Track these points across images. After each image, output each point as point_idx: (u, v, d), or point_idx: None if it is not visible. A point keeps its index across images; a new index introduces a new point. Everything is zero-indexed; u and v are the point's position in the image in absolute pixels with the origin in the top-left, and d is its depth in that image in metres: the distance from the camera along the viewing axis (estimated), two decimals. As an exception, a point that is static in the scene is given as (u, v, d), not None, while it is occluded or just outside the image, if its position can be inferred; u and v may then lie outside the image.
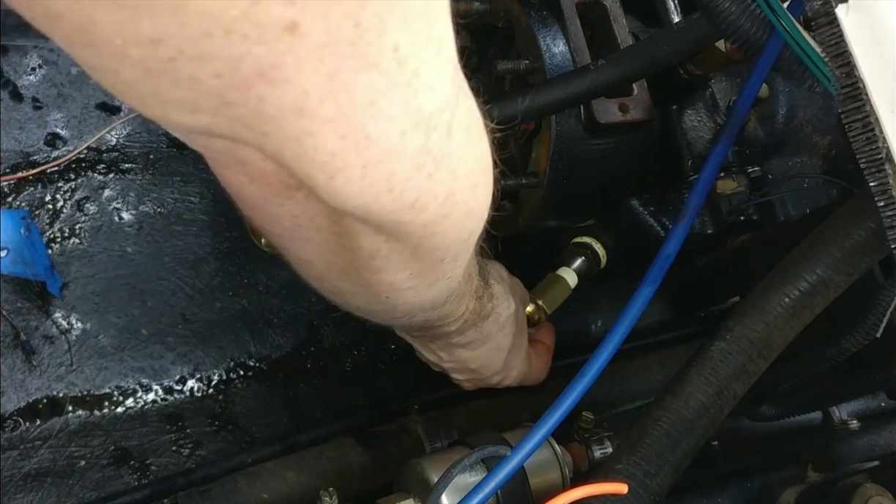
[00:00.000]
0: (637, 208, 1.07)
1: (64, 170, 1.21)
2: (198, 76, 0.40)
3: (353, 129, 0.45)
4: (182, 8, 0.36)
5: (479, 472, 0.82)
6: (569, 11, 0.97)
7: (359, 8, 0.40)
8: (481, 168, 0.59)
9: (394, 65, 0.43)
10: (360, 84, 0.43)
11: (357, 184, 0.48)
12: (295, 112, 0.43)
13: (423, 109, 0.47)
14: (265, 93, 0.41)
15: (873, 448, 1.10)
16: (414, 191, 0.52)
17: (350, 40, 0.41)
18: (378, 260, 0.62)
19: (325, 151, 0.45)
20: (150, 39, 0.38)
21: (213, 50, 0.38)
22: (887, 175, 0.64)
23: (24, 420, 1.11)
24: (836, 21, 0.63)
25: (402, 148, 0.48)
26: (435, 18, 0.45)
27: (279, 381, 1.21)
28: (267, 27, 0.38)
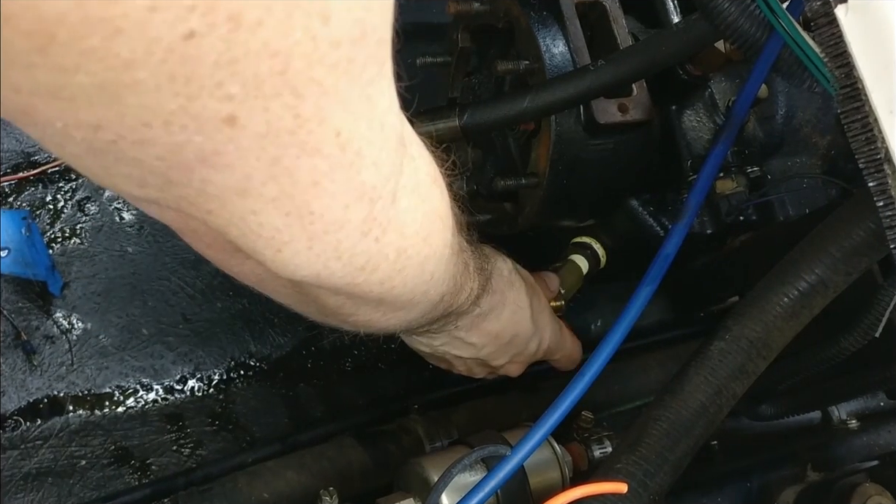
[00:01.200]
0: (636, 208, 1.07)
1: (65, 170, 1.21)
2: (140, 157, 0.41)
3: (297, 206, 0.46)
4: (119, 100, 0.37)
5: (478, 471, 0.82)
6: (568, 12, 0.97)
7: (298, 100, 0.41)
8: (432, 220, 0.61)
9: (336, 149, 0.45)
10: (302, 168, 0.44)
11: (304, 254, 0.50)
12: (238, 193, 0.44)
13: (367, 184, 0.49)
14: (208, 175, 0.42)
15: (872, 447, 1.10)
16: (363, 255, 0.53)
17: (290, 130, 0.42)
18: (346, 308, 0.64)
19: (271, 227, 0.47)
20: (90, 125, 0.38)
21: (153, 137, 0.39)
22: (886, 175, 0.63)
23: (24, 420, 1.11)
24: (836, 21, 0.63)
25: (347, 219, 0.50)
26: (377, 100, 0.46)
27: (280, 381, 1.21)
28: (205, 120, 0.39)
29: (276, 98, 0.40)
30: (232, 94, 0.38)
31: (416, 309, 0.72)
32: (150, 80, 0.36)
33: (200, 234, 0.54)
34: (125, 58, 0.35)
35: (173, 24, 0.35)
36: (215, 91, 0.38)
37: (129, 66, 0.35)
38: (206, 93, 0.38)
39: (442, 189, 0.63)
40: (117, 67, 0.35)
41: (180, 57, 0.36)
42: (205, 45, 0.36)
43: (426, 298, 0.71)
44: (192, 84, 0.37)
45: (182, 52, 0.36)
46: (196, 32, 0.35)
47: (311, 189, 0.46)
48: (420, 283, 0.65)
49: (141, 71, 0.36)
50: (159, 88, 0.37)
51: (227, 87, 0.38)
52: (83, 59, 0.35)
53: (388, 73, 0.47)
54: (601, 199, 1.05)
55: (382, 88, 0.47)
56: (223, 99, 0.38)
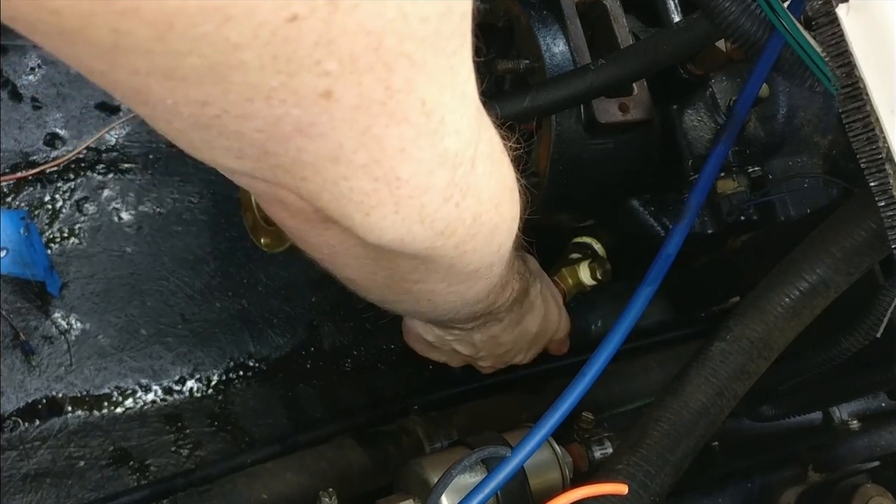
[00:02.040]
0: (637, 208, 1.07)
1: (63, 170, 1.21)
2: (241, 130, 0.44)
3: (385, 172, 0.49)
4: (226, 79, 0.40)
5: (478, 472, 0.82)
6: (569, 11, 0.97)
7: (389, 73, 0.43)
8: (503, 188, 0.63)
9: (422, 117, 0.47)
10: (390, 136, 0.47)
11: (391, 219, 0.52)
12: (331, 160, 0.47)
13: (449, 150, 0.51)
14: (303, 144, 0.45)
15: (874, 448, 1.10)
16: (444, 220, 0.56)
17: (381, 101, 0.44)
18: (416, 274, 0.67)
19: (360, 192, 0.50)
20: (197, 101, 0.41)
21: (255, 111, 0.42)
22: (888, 175, 0.63)
23: (23, 420, 1.11)
24: (837, 20, 0.63)
25: (431, 184, 0.52)
26: (459, 69, 0.48)
27: (279, 382, 1.20)
28: (303, 95, 0.41)
29: (370, 72, 0.42)
30: (329, 71, 0.41)
31: (475, 288, 0.75)
32: (254, 60, 0.39)
33: (288, 202, 0.56)
34: (234, 41, 0.38)
35: (278, 8, 0.37)
36: (314, 68, 0.40)
37: (237, 48, 0.38)
38: (305, 70, 0.40)
39: (509, 161, 0.65)
40: (226, 50, 0.38)
41: (283, 38, 0.38)
42: (306, 27, 0.38)
43: (489, 274, 0.73)
44: (293, 63, 0.40)
45: (285, 35, 0.38)
46: (298, 16, 0.38)
47: (399, 155, 0.48)
48: (487, 254, 0.67)
49: (247, 52, 0.38)
50: (263, 68, 0.39)
51: (324, 64, 0.40)
52: (196, 44, 0.37)
53: (468, 45, 0.49)
54: (602, 198, 1.05)
55: (464, 59, 0.49)
56: (321, 75, 0.41)
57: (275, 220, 0.63)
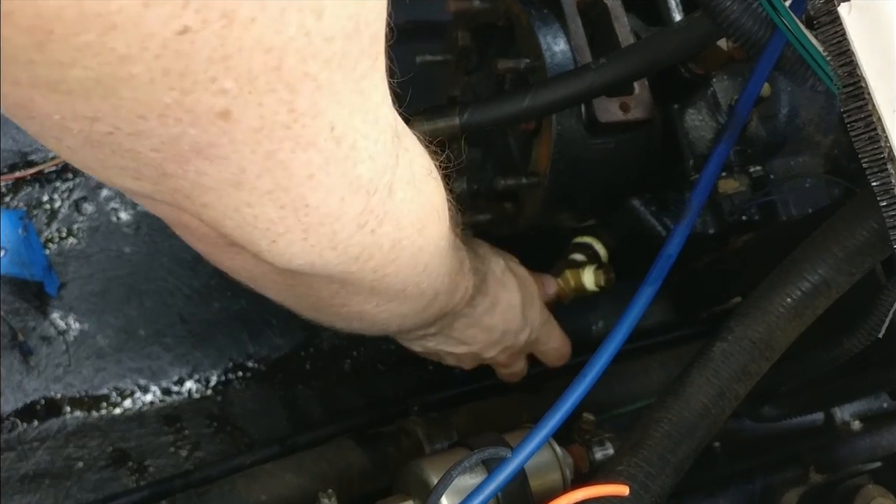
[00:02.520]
0: (638, 208, 1.07)
1: (61, 170, 1.20)
2: (136, 149, 0.42)
3: (292, 199, 0.47)
4: (115, 93, 0.38)
5: (479, 473, 0.81)
6: (569, 10, 0.96)
7: (292, 95, 0.41)
8: (428, 211, 0.62)
9: (331, 143, 0.45)
10: (297, 161, 0.45)
11: (300, 245, 0.51)
12: (233, 185, 0.45)
13: (363, 177, 0.50)
14: (203, 167, 0.43)
15: (876, 449, 1.09)
16: (358, 246, 0.54)
17: (285, 124, 0.42)
18: (339, 298, 0.65)
19: (266, 219, 0.48)
20: (86, 117, 0.39)
21: (149, 129, 0.40)
22: (889, 175, 0.63)
23: (21, 421, 1.11)
24: (839, 19, 0.63)
25: (343, 212, 0.50)
26: (370, 93, 0.47)
27: (278, 382, 1.20)
28: (200, 114, 0.39)
29: (271, 93, 0.40)
30: (226, 89, 0.39)
31: (409, 303, 0.73)
32: (144, 74, 0.37)
33: (192, 227, 0.54)
34: (120, 53, 0.36)
35: (167, 20, 0.35)
36: (209, 86, 0.38)
37: (124, 60, 0.36)
38: (201, 87, 0.38)
39: (437, 182, 0.64)
40: (113, 62, 0.36)
41: (174, 52, 0.36)
42: (198, 40, 0.36)
43: (419, 290, 0.71)
44: (187, 79, 0.38)
45: (176, 48, 0.36)
46: (190, 28, 0.36)
47: (307, 182, 0.46)
48: (413, 274, 0.65)
49: (136, 65, 0.36)
50: (154, 82, 0.37)
51: (221, 81, 0.38)
52: (79, 54, 0.35)
53: (381, 67, 0.47)
54: (602, 198, 1.05)
55: (376, 82, 0.47)
56: (217, 93, 0.39)
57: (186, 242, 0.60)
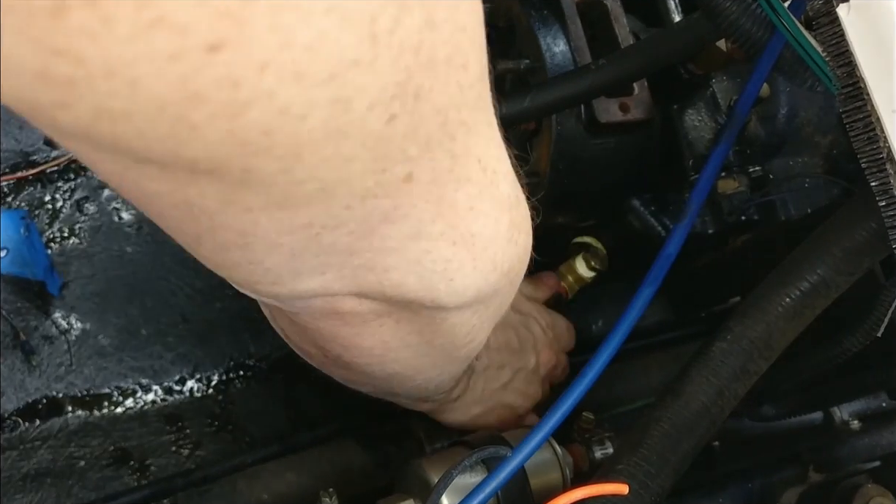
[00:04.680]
0: (638, 208, 1.07)
1: (63, 169, 1.21)
2: (335, 240, 0.44)
3: (461, 233, 0.51)
4: (333, 195, 0.40)
5: (479, 472, 0.81)
6: (569, 11, 0.96)
7: (453, 143, 0.44)
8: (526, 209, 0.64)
9: (480, 173, 0.49)
10: (459, 199, 0.48)
11: (471, 276, 0.54)
12: (413, 238, 0.48)
13: (503, 194, 0.54)
14: (388, 231, 0.46)
15: (875, 448, 1.09)
16: (509, 260, 0.58)
17: (448, 169, 0.46)
18: (472, 332, 0.67)
19: (443, 260, 0.51)
20: (302, 225, 0.42)
21: (350, 216, 0.43)
22: (888, 175, 0.63)
23: (23, 420, 1.11)
24: (837, 20, 0.63)
25: (498, 231, 0.54)
26: (493, 120, 0.51)
27: (279, 381, 1.20)
28: (391, 185, 0.42)
29: (439, 147, 0.44)
30: (412, 157, 0.42)
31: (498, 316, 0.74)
32: (359, 168, 0.39)
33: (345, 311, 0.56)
34: (346, 155, 0.38)
35: (382, 114, 0.37)
36: (400, 157, 0.41)
37: (348, 162, 0.39)
38: (395, 162, 0.41)
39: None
40: (339, 166, 0.39)
41: (382, 140, 0.39)
42: (399, 123, 0.39)
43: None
44: (388, 160, 0.41)
45: (385, 135, 0.39)
46: (396, 115, 0.38)
47: (469, 214, 0.50)
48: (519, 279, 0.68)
49: (355, 164, 0.39)
50: (364, 173, 0.40)
51: (409, 151, 0.41)
52: (316, 169, 0.38)
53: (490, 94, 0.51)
54: (602, 198, 1.05)
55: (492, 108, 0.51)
56: (405, 161, 0.42)
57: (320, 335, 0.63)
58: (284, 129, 0.34)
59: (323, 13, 0.31)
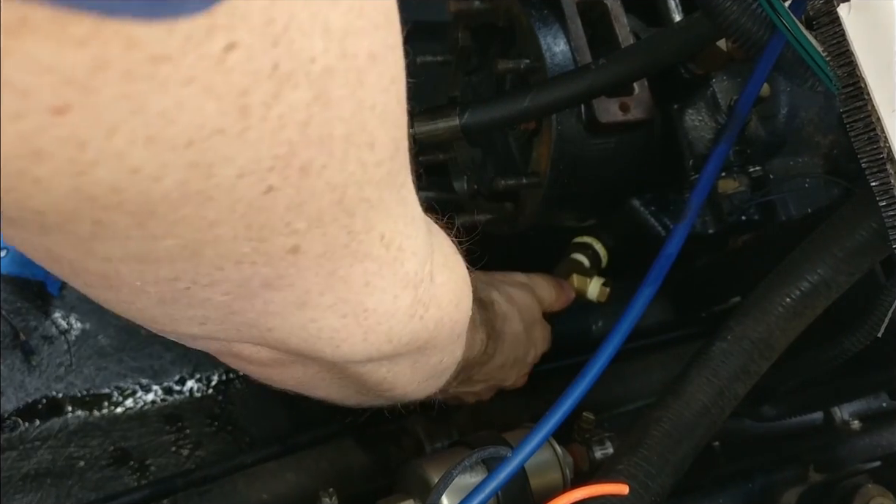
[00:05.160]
0: (638, 208, 1.07)
1: (63, 169, 1.20)
2: (209, 297, 0.44)
3: (353, 307, 0.50)
4: (199, 254, 0.40)
5: (479, 472, 0.81)
6: (569, 10, 0.96)
7: (350, 219, 0.44)
8: (460, 286, 0.65)
9: (382, 250, 0.49)
10: (355, 274, 0.48)
11: (360, 346, 0.54)
12: (298, 307, 0.48)
13: (409, 273, 0.53)
14: (270, 297, 0.46)
15: (875, 448, 1.10)
16: (409, 334, 0.57)
17: (344, 244, 0.45)
18: (386, 384, 0.68)
19: (330, 329, 0.51)
20: (167, 279, 0.42)
21: (224, 277, 0.42)
22: (889, 175, 0.63)
23: (23, 420, 1.11)
24: (838, 20, 0.63)
25: (397, 308, 0.54)
26: (407, 197, 0.50)
27: (279, 382, 1.20)
28: (272, 254, 0.42)
29: (334, 223, 0.43)
30: (298, 230, 0.42)
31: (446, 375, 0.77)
32: (228, 233, 0.39)
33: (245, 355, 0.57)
34: (211, 219, 0.38)
35: (255, 184, 0.37)
36: (283, 229, 0.41)
37: (213, 225, 0.38)
38: (276, 233, 0.41)
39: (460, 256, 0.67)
40: (203, 228, 0.38)
41: (258, 209, 0.39)
42: (279, 196, 0.39)
43: (454, 360, 0.75)
44: (265, 229, 0.40)
45: (260, 205, 0.38)
46: (273, 187, 0.38)
47: (364, 290, 0.50)
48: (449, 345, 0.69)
49: (222, 227, 0.39)
50: (236, 238, 0.40)
51: (294, 224, 0.41)
52: (174, 227, 0.37)
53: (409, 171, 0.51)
54: (602, 198, 1.05)
55: (409, 185, 0.51)
56: (290, 234, 0.42)
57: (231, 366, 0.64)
58: (135, 188, 0.34)
59: (181, 84, 0.31)
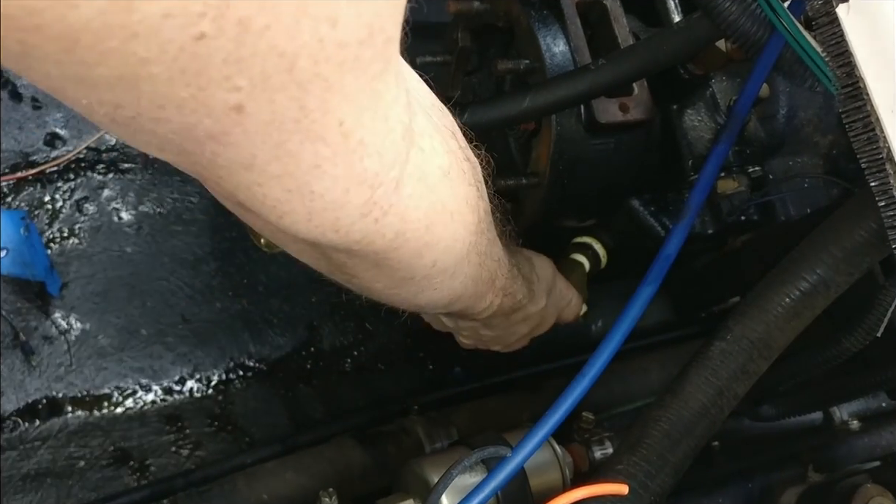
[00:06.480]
0: (637, 208, 1.07)
1: (63, 170, 1.21)
2: (157, 130, 0.45)
3: (299, 185, 0.50)
4: (135, 88, 0.41)
5: (479, 472, 0.81)
6: (569, 11, 0.96)
7: (303, 93, 0.44)
8: (438, 210, 0.64)
9: (339, 137, 0.48)
10: (305, 152, 0.48)
11: (304, 224, 0.54)
12: (244, 168, 0.48)
13: (368, 170, 0.52)
14: (217, 150, 0.46)
15: (874, 448, 1.09)
16: (360, 232, 0.57)
17: (295, 119, 0.45)
18: (347, 269, 0.67)
19: (273, 198, 0.51)
20: (111, 104, 0.43)
21: (167, 116, 0.43)
22: (888, 175, 0.63)
23: (23, 420, 1.11)
24: (837, 20, 0.63)
25: (347, 201, 0.53)
26: (382, 93, 0.50)
27: (279, 382, 1.20)
28: (213, 107, 0.43)
29: (282, 91, 0.43)
30: (239, 87, 0.42)
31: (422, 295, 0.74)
32: (163, 73, 0.40)
33: (216, 189, 0.58)
34: (141, 56, 0.39)
35: (184, 27, 0.38)
36: (223, 83, 0.41)
37: (145, 62, 0.39)
38: (215, 84, 0.41)
39: (455, 184, 0.65)
40: (134, 63, 0.39)
41: (191, 55, 0.39)
42: (214, 45, 0.39)
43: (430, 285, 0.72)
44: (202, 77, 0.41)
45: (193, 51, 0.39)
46: (206, 34, 0.39)
47: (313, 171, 0.49)
48: (419, 267, 0.67)
49: (155, 66, 0.39)
50: (172, 80, 0.40)
51: (234, 80, 0.41)
52: (103, 57, 0.38)
53: (394, 69, 0.50)
54: (602, 198, 1.05)
55: (388, 83, 0.50)
56: (231, 90, 0.42)
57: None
58: (52, 12, 0.36)
59: None
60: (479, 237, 0.72)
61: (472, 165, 0.69)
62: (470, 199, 0.68)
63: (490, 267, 0.79)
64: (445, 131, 0.64)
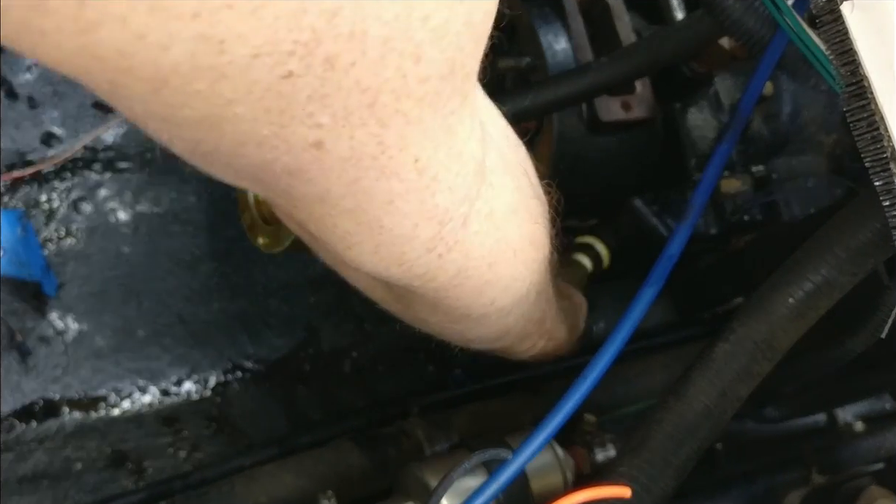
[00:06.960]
0: (640, 208, 1.07)
1: (60, 169, 1.20)
2: (234, 165, 0.45)
3: (369, 219, 0.50)
4: (218, 128, 0.41)
5: (479, 475, 0.81)
6: (571, 8, 0.96)
7: (382, 129, 0.44)
8: (502, 248, 0.63)
9: (413, 173, 0.48)
10: (379, 189, 0.48)
11: (369, 257, 0.54)
12: (318, 201, 0.49)
13: (439, 206, 0.52)
14: (292, 184, 0.47)
15: (878, 450, 1.09)
16: (423, 267, 0.57)
17: (373, 155, 0.45)
18: (404, 301, 0.68)
19: (343, 230, 0.52)
20: (192, 140, 0.43)
21: (246, 153, 0.43)
22: (892, 174, 0.63)
23: (19, 422, 1.10)
24: (841, 18, 0.62)
25: (415, 236, 0.53)
26: (457, 129, 0.49)
27: (277, 383, 1.20)
28: (294, 144, 0.43)
29: (362, 127, 0.43)
30: (321, 124, 0.42)
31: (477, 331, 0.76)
32: (247, 113, 0.40)
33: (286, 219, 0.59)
34: (227, 97, 0.39)
35: (273, 67, 0.38)
36: (306, 120, 0.41)
37: (230, 103, 0.39)
38: (297, 122, 0.41)
39: (522, 222, 0.65)
40: (220, 105, 0.39)
41: (276, 94, 0.39)
42: (300, 83, 0.39)
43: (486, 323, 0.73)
44: (285, 115, 0.41)
45: (278, 90, 0.39)
46: (293, 73, 0.38)
47: (385, 206, 0.50)
48: (477, 305, 0.68)
49: (240, 107, 0.39)
50: (255, 120, 0.40)
51: (317, 117, 0.41)
52: (189, 98, 0.39)
53: (471, 104, 0.50)
54: (604, 198, 1.05)
55: (463, 118, 0.50)
56: (312, 127, 0.42)
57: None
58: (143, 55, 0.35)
59: None
60: (540, 276, 0.73)
61: (540, 203, 0.69)
62: (535, 238, 0.68)
63: (543, 308, 0.80)
64: (518, 167, 0.64)
